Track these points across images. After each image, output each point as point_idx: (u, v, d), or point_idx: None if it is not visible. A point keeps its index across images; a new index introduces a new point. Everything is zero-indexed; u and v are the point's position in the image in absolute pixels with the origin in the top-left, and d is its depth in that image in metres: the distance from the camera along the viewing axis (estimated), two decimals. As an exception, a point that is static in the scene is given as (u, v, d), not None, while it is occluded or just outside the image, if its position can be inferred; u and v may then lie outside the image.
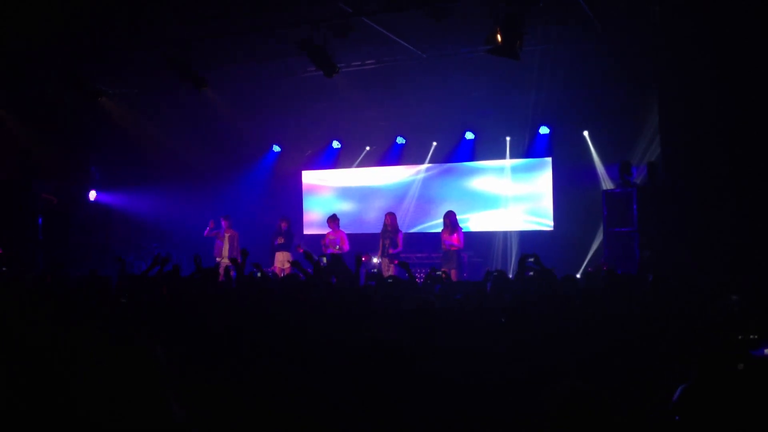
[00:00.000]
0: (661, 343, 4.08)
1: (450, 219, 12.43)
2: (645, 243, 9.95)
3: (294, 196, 16.74)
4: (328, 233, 13.48)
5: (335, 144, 16.27)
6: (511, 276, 7.73)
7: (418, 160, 15.61)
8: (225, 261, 12.66)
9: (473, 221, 14.80)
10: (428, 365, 3.58)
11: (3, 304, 5.61)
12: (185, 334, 4.85)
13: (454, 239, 12.28)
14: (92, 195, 15.57)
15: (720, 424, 2.54)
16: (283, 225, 13.97)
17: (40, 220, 14.26)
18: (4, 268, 9.61)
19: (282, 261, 13.52)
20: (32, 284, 8.09)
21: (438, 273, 8.37)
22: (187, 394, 3.04)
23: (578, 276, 11.22)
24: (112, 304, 6.43)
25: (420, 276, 12.33)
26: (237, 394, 3.50)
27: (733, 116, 9.13)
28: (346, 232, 13.68)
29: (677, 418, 2.64)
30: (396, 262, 11.90)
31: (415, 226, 15.41)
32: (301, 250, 9.69)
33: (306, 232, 16.44)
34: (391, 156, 15.89)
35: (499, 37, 8.73)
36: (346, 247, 13.15)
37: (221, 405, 3.34)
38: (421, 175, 15.64)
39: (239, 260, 7.73)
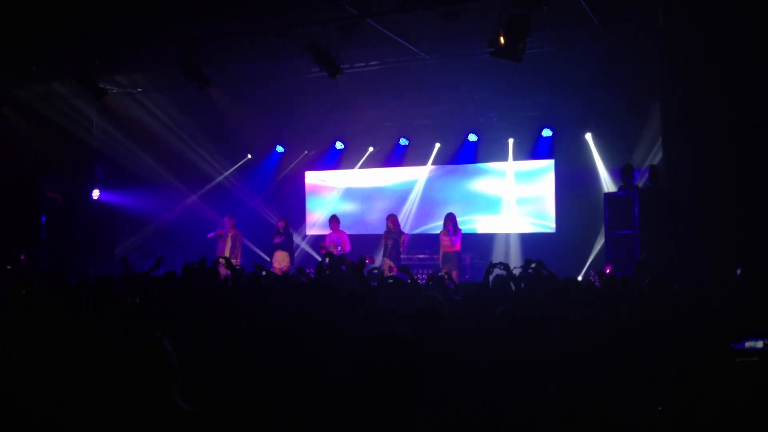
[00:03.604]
0: (657, 344, 4.13)
1: (452, 221, 12.51)
2: (644, 244, 10.01)
3: (297, 197, 16.79)
4: (329, 234, 13.54)
5: (338, 145, 16.30)
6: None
7: (421, 162, 15.63)
8: (232, 260, 12.68)
9: (475, 223, 14.83)
10: (433, 362, 3.63)
11: (13, 303, 5.67)
12: (188, 333, 4.89)
13: (453, 241, 12.36)
14: (95, 194, 15.61)
15: (704, 419, 2.59)
16: (281, 224, 13.95)
17: (43, 218, 14.32)
18: (9, 267, 9.68)
19: (279, 260, 13.54)
20: (36, 284, 8.14)
21: (440, 274, 8.42)
22: (191, 390, 3.09)
23: (579, 278, 11.26)
24: (115, 303, 6.48)
25: (422, 278, 12.38)
26: (241, 390, 3.55)
27: (734, 120, 9.17)
28: (348, 233, 13.72)
29: (660, 408, 2.71)
30: (395, 269, 11.95)
31: (417, 227, 15.44)
32: (323, 251, 9.75)
33: (308, 232, 16.49)
34: (394, 157, 15.92)
35: (502, 39, 8.77)
36: (348, 247, 13.18)
37: (224, 401, 3.38)
38: (424, 177, 15.67)
39: (241, 261, 7.79)
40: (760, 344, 3.87)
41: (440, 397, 3.36)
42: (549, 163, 14.47)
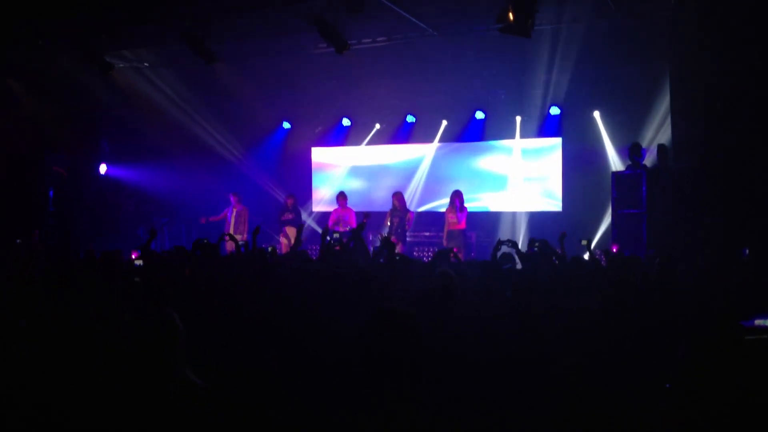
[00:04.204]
0: (664, 324, 4.12)
1: (459, 197, 12.47)
2: (651, 223, 10.01)
3: (303, 173, 16.77)
4: (336, 209, 13.55)
5: (345, 121, 16.25)
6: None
7: (428, 139, 15.59)
8: (237, 237, 12.74)
9: (482, 201, 14.81)
10: (440, 339, 3.62)
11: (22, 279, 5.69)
12: (198, 311, 4.88)
13: (459, 218, 12.34)
14: (102, 168, 15.64)
15: (710, 396, 2.59)
16: (289, 201, 14.09)
17: (51, 192, 14.37)
18: (18, 240, 9.73)
19: (289, 237, 13.61)
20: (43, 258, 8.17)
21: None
22: (200, 366, 3.10)
23: (586, 257, 11.23)
24: (124, 278, 6.48)
25: (427, 256, 12.39)
26: (248, 368, 3.56)
27: (744, 99, 9.10)
28: (355, 210, 13.72)
29: (668, 385, 2.71)
30: (401, 247, 11.97)
31: (423, 205, 15.43)
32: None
33: (315, 209, 16.50)
34: (401, 134, 15.87)
35: (510, 15, 8.69)
36: (354, 224, 13.18)
37: (233, 378, 3.40)
38: (431, 154, 15.63)
39: (247, 237, 7.78)
40: None
41: (440, 396, 3.34)
42: (556, 141, 14.40)
